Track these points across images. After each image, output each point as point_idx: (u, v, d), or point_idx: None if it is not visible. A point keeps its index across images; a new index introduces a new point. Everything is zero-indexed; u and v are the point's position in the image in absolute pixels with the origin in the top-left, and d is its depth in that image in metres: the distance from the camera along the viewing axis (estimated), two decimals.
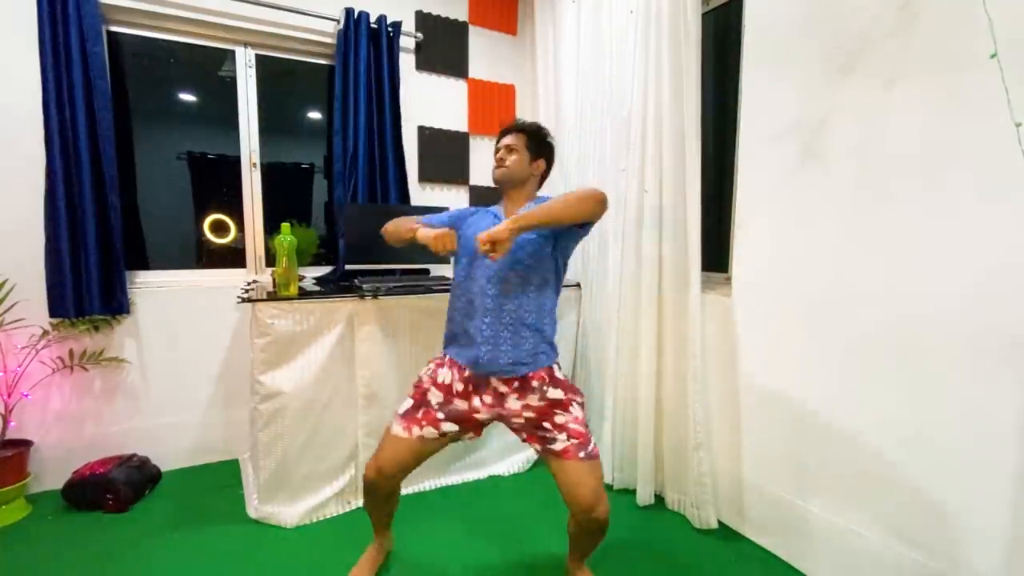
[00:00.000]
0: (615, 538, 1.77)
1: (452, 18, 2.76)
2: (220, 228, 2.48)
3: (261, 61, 2.45)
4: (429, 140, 2.75)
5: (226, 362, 2.35)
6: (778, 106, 1.65)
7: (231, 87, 2.41)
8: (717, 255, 1.98)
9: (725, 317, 1.84)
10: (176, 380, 2.27)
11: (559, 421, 1.36)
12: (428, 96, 2.74)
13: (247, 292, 1.97)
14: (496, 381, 1.41)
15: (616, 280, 2.12)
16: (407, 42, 2.64)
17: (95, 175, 2.02)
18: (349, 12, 2.40)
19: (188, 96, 2.43)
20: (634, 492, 2.05)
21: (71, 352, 2.06)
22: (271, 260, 2.45)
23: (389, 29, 2.50)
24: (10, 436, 1.93)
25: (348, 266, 2.35)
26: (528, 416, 1.40)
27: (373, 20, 2.46)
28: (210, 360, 2.33)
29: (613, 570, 1.62)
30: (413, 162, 2.70)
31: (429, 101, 2.74)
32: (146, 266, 2.32)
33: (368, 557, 1.61)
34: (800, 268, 1.60)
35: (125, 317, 2.15)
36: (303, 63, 2.56)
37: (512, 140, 1.50)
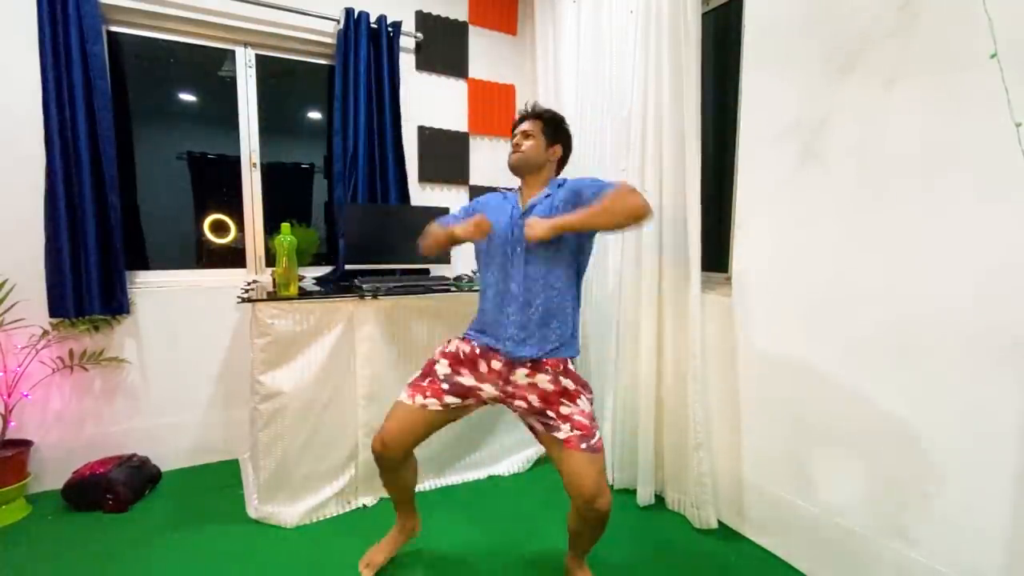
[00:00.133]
0: (615, 538, 1.78)
1: (452, 18, 2.76)
2: (220, 228, 2.48)
3: (261, 61, 2.45)
4: (429, 140, 2.75)
5: (226, 362, 2.35)
6: (778, 106, 1.65)
7: (231, 87, 2.41)
8: (717, 255, 1.98)
9: (725, 317, 1.84)
10: (176, 380, 2.27)
11: (564, 412, 1.37)
12: (428, 96, 2.74)
13: (247, 292, 1.97)
14: (511, 350, 1.42)
15: (616, 280, 2.12)
16: (407, 42, 2.64)
17: (95, 175, 2.02)
18: (349, 12, 2.40)
19: (188, 96, 2.43)
20: (634, 492, 2.05)
21: (71, 352, 2.06)
22: (271, 260, 2.45)
23: (389, 29, 2.50)
24: (10, 436, 1.93)
25: (348, 266, 2.35)
26: (532, 401, 1.40)
27: (373, 20, 2.46)
28: (210, 360, 2.33)
29: (613, 570, 1.62)
30: (413, 162, 2.70)
31: (429, 101, 2.74)
32: (146, 266, 2.32)
33: (388, 538, 1.64)
34: (800, 268, 1.60)
35: (125, 317, 2.15)
36: (303, 63, 2.56)
37: (528, 126, 1.51)
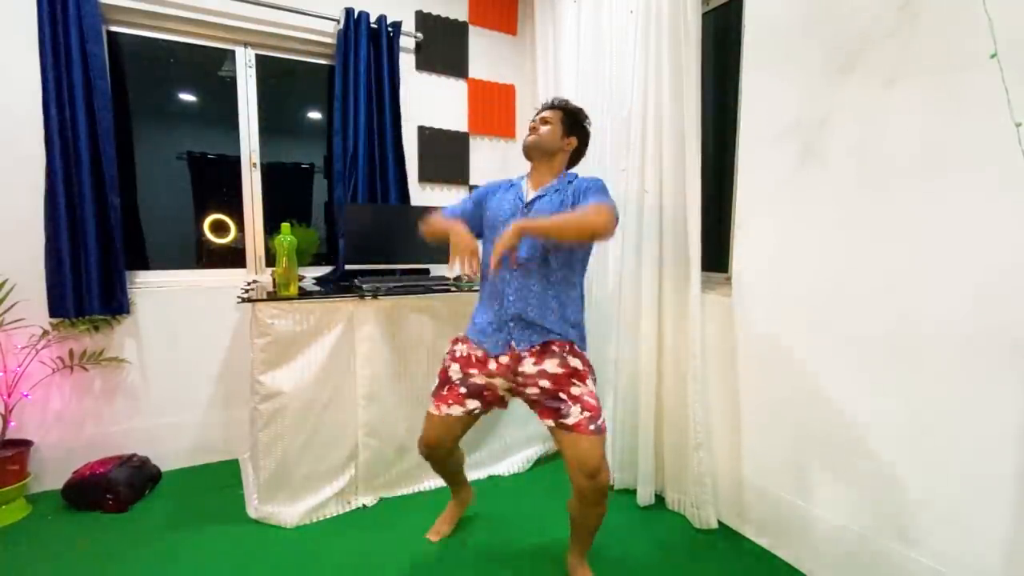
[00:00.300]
0: (615, 538, 1.78)
1: (452, 18, 2.76)
2: (220, 228, 2.48)
3: (261, 61, 2.45)
4: (429, 140, 2.75)
5: (226, 362, 2.35)
6: (778, 106, 1.65)
7: (231, 87, 2.41)
8: (717, 255, 1.98)
9: (725, 317, 1.84)
10: (176, 380, 2.27)
11: (575, 392, 1.40)
12: (428, 96, 2.74)
13: (247, 292, 1.97)
14: (514, 343, 1.46)
15: (616, 280, 2.12)
16: (407, 42, 2.64)
17: (95, 175, 2.02)
18: (349, 12, 2.40)
19: (188, 96, 2.43)
20: (634, 492, 2.05)
21: (71, 352, 2.06)
22: (271, 260, 2.45)
23: (389, 29, 2.50)
24: (10, 436, 1.93)
25: (348, 266, 2.35)
26: (544, 386, 1.43)
27: (373, 20, 2.46)
28: (210, 360, 2.33)
29: (613, 569, 1.62)
30: (413, 162, 2.70)
31: (429, 101, 2.74)
32: (146, 266, 2.32)
33: (449, 510, 1.83)
34: (800, 268, 1.60)
35: (125, 317, 2.15)
36: (303, 63, 2.56)
37: (548, 114, 1.58)
